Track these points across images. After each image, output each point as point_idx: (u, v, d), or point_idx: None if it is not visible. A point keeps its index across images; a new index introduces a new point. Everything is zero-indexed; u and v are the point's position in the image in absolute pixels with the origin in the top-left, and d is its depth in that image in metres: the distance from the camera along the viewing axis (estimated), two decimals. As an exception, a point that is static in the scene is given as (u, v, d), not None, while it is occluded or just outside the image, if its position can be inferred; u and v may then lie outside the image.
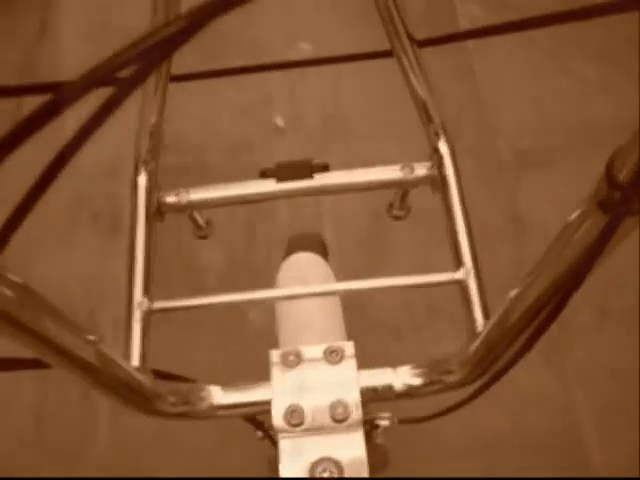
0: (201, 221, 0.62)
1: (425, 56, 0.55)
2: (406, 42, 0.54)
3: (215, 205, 0.57)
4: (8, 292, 0.26)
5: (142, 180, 0.55)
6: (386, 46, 0.57)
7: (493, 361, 0.40)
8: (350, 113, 1.49)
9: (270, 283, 0.65)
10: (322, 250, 0.73)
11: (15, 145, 0.19)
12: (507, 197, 1.36)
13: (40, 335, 0.29)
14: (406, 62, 0.55)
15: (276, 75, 1.48)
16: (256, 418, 0.52)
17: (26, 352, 0.30)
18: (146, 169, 0.55)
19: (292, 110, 1.50)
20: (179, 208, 0.57)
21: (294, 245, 0.71)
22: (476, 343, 0.41)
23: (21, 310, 0.27)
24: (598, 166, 0.27)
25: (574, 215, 0.30)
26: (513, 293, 0.36)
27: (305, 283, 0.62)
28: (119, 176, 1.38)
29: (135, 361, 0.47)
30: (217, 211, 0.58)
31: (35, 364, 0.37)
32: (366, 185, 0.56)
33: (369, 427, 0.56)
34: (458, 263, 0.50)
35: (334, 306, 0.59)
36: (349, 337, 0.57)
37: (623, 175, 0.25)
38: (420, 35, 0.54)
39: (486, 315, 0.48)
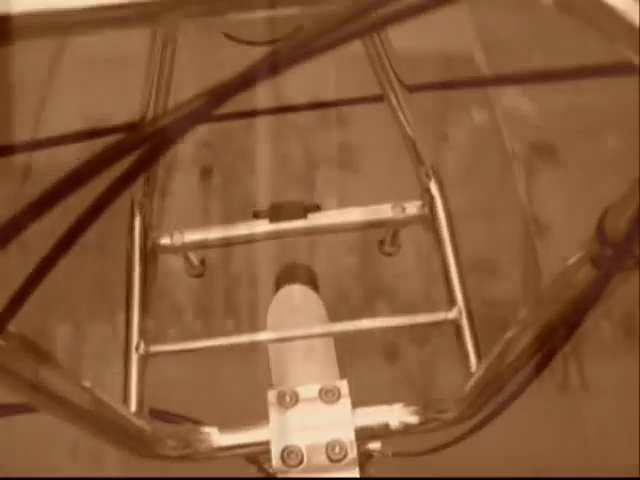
0: (196, 261, 0.63)
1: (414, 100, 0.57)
2: (397, 86, 0.56)
3: (209, 246, 0.57)
4: (0, 342, 0.26)
5: (137, 222, 0.56)
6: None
7: (488, 400, 0.41)
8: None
9: (249, 295, 0.62)
10: (312, 282, 0.72)
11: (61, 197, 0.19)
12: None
13: (34, 383, 0.29)
14: (397, 106, 0.57)
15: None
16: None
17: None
18: (141, 211, 0.56)
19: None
20: (174, 249, 0.57)
21: (284, 276, 0.71)
22: (470, 383, 0.42)
23: (13, 359, 0.27)
24: None
25: (570, 262, 0.30)
26: (508, 335, 0.37)
27: (298, 321, 0.63)
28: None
29: (133, 405, 0.48)
30: (193, 224, 0.58)
31: (25, 409, 0.37)
32: (358, 225, 0.57)
33: (363, 459, 0.57)
34: (451, 302, 0.51)
35: (327, 344, 0.59)
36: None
37: (614, 233, 0.26)
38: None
39: (478, 354, 0.48)
